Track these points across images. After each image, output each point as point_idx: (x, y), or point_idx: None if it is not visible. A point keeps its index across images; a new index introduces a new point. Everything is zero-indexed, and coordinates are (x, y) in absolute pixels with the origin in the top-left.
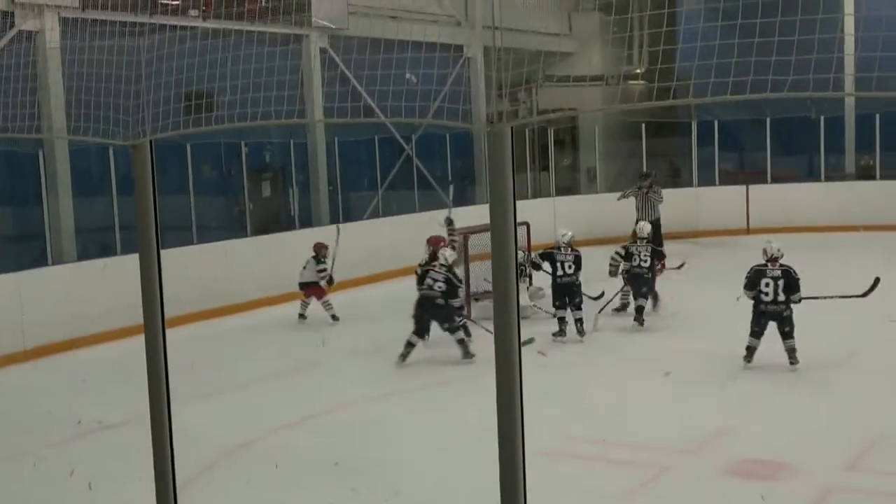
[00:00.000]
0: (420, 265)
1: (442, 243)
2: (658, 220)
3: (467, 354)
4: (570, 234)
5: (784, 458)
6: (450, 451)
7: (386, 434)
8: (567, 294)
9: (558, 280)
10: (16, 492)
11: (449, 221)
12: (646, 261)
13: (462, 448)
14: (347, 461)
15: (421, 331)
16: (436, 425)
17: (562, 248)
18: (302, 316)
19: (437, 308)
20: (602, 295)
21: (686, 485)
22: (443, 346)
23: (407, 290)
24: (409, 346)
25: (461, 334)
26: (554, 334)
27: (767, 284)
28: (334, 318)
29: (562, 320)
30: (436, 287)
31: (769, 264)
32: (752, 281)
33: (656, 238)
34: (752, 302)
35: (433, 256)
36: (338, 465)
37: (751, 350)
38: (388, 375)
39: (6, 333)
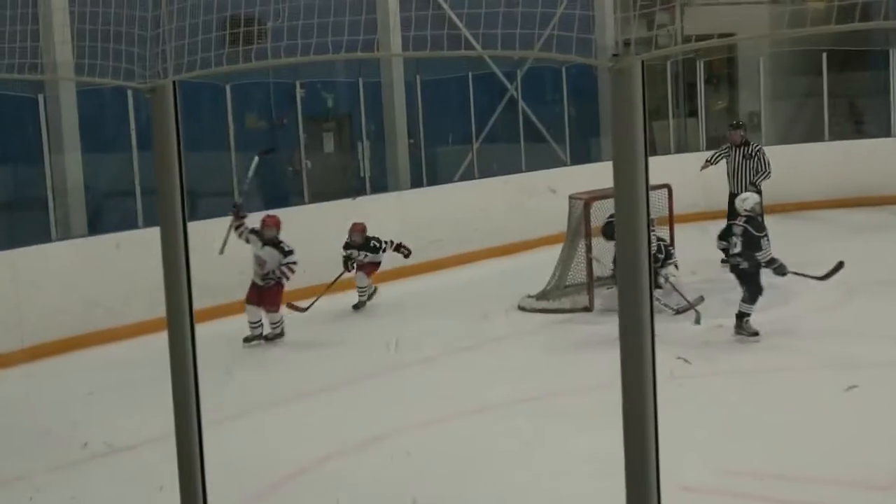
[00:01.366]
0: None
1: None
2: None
3: None
4: (753, 198)
5: None
6: (560, 485)
7: (475, 462)
8: (737, 275)
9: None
10: None
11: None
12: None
13: (577, 481)
14: (427, 498)
15: None
16: (542, 451)
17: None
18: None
19: None
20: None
21: None
22: (569, 351)
23: (505, 275)
24: None
25: None
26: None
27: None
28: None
29: None
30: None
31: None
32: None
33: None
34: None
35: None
36: (415, 503)
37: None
38: (476, 386)
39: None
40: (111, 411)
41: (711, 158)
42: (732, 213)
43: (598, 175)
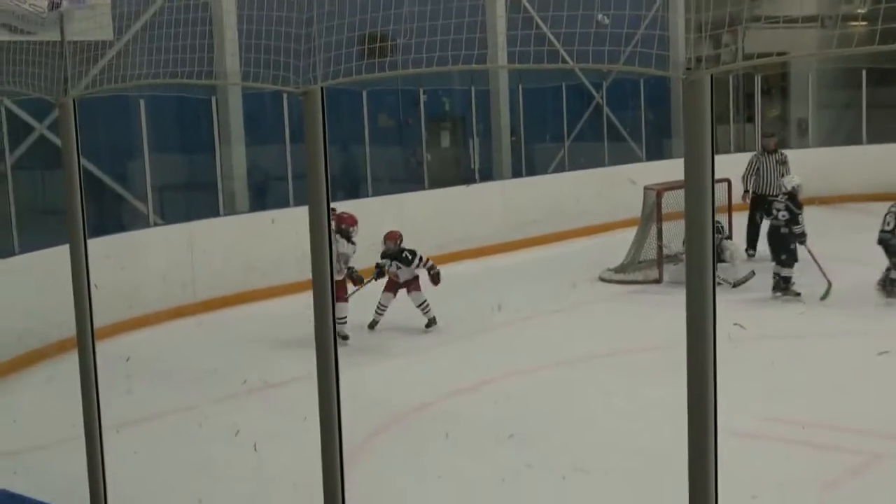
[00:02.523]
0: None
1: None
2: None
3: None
4: (797, 178)
5: None
6: (635, 427)
7: (565, 406)
8: (775, 242)
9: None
10: (182, 448)
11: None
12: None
13: (646, 424)
14: (523, 433)
15: None
16: (620, 398)
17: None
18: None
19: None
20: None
21: None
22: (641, 316)
23: (590, 252)
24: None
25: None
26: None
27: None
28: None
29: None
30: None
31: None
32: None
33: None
34: None
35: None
36: (512, 436)
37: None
38: (567, 342)
39: (178, 285)
40: (266, 355)
41: (746, 178)
42: (758, 209)
43: (669, 170)
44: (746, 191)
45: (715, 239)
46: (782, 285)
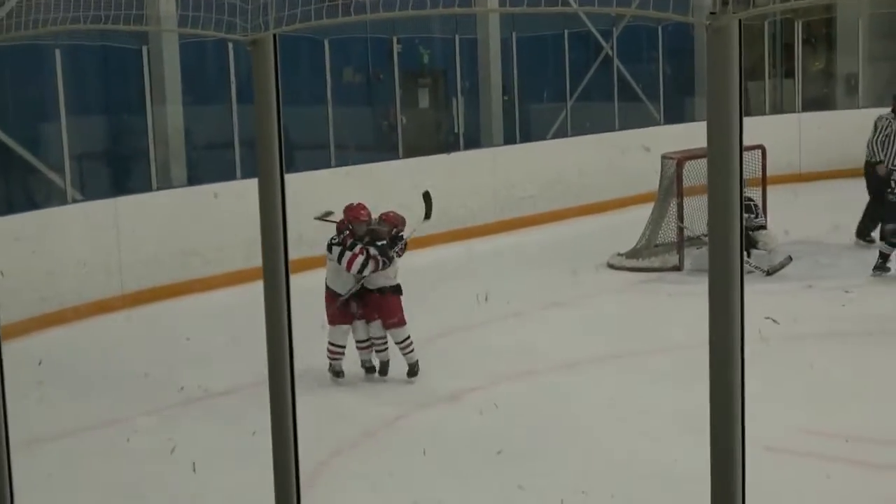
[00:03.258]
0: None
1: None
2: None
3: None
4: None
5: None
6: (647, 441)
7: (564, 416)
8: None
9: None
10: (106, 469)
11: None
12: None
13: (661, 438)
14: (514, 449)
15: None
16: (630, 408)
17: None
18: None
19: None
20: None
21: None
22: (658, 310)
23: (596, 233)
24: None
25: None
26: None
27: None
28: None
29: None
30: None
31: None
32: None
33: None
34: None
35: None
36: (501, 453)
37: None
38: (566, 341)
39: (100, 272)
40: (207, 357)
41: (875, 146)
42: (875, 183)
43: (692, 135)
44: (880, 161)
45: (745, 219)
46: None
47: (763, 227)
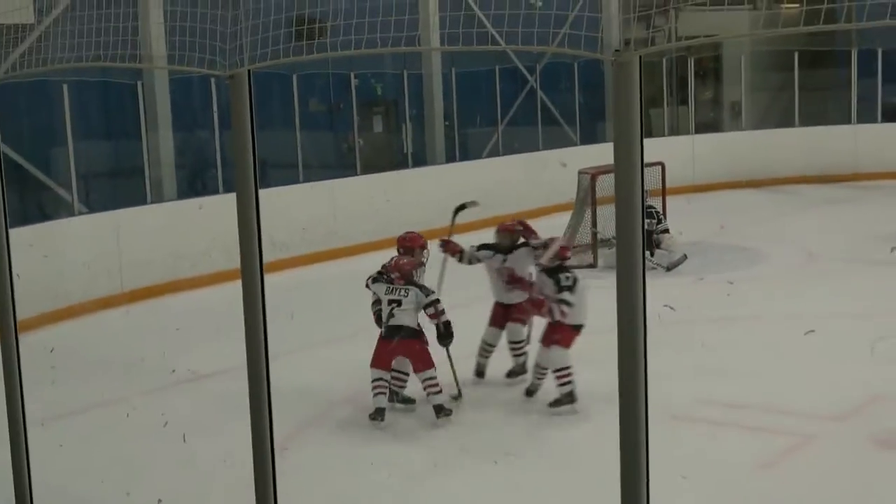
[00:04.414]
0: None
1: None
2: None
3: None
4: None
5: None
6: (566, 412)
7: (499, 391)
8: None
9: None
10: (109, 440)
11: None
12: None
13: (580, 408)
14: (458, 418)
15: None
16: (550, 384)
17: None
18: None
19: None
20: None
21: (833, 456)
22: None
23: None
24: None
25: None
26: None
27: None
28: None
29: None
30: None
31: None
32: None
33: None
34: None
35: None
36: (449, 422)
37: None
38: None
39: (103, 274)
40: (195, 345)
41: None
42: None
43: (604, 154)
44: None
45: (647, 223)
46: None
47: (667, 231)
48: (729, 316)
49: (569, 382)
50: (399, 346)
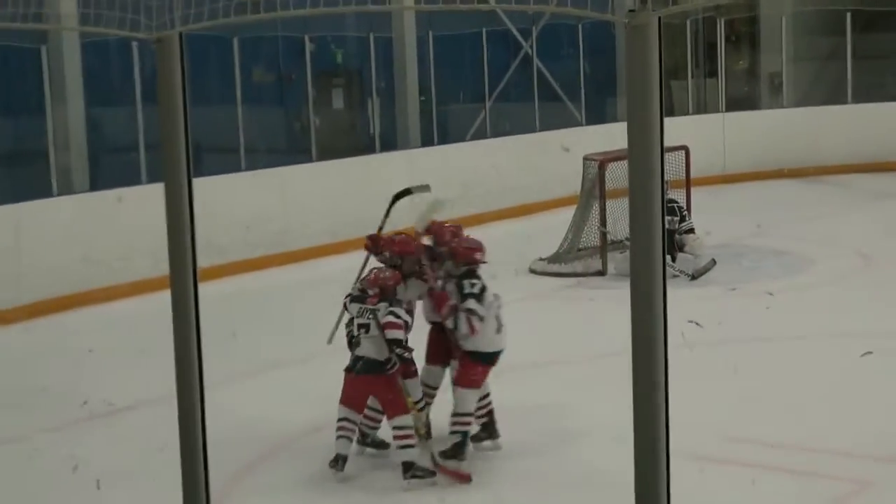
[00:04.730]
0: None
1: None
2: None
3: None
4: None
5: None
6: (571, 451)
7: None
8: None
9: None
10: (5, 489)
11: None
12: None
13: (586, 447)
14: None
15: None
16: (554, 417)
17: None
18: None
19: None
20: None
21: None
22: (581, 316)
23: (517, 237)
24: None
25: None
26: None
27: None
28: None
29: None
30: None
31: None
32: None
33: None
34: None
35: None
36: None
37: None
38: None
39: None
40: (111, 370)
41: None
42: None
43: (614, 136)
44: None
45: (667, 221)
46: None
47: (692, 230)
48: (767, 335)
49: (463, 433)
50: (360, 381)
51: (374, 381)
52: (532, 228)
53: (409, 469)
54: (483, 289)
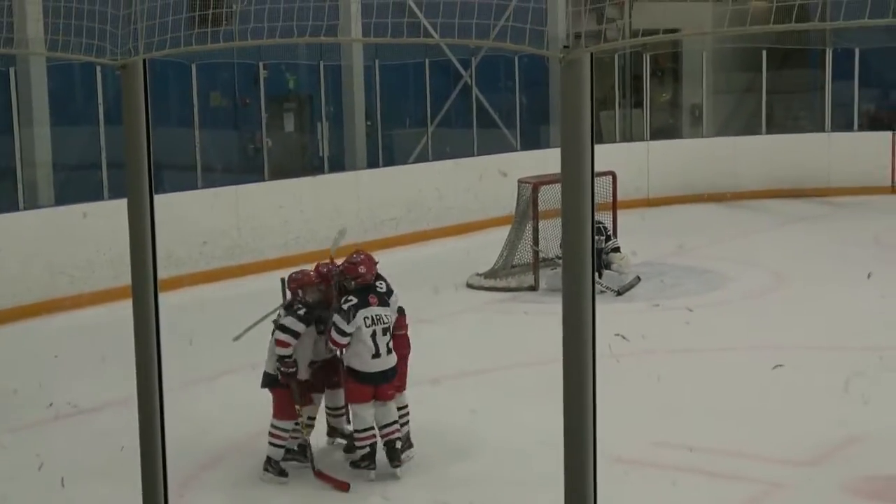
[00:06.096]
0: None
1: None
2: None
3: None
4: None
5: None
6: (506, 454)
7: (428, 430)
8: None
9: None
10: None
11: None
12: None
13: (519, 451)
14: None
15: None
16: (490, 421)
17: None
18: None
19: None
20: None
21: None
22: (514, 327)
23: (456, 254)
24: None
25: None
26: None
27: None
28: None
29: None
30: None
31: None
32: None
33: None
34: None
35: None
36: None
37: None
38: (428, 357)
39: None
40: (75, 374)
41: None
42: None
43: (547, 161)
44: None
45: (596, 241)
46: None
47: (617, 249)
48: (688, 347)
49: (370, 444)
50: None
51: (273, 392)
52: (470, 246)
53: (268, 463)
54: (354, 308)
